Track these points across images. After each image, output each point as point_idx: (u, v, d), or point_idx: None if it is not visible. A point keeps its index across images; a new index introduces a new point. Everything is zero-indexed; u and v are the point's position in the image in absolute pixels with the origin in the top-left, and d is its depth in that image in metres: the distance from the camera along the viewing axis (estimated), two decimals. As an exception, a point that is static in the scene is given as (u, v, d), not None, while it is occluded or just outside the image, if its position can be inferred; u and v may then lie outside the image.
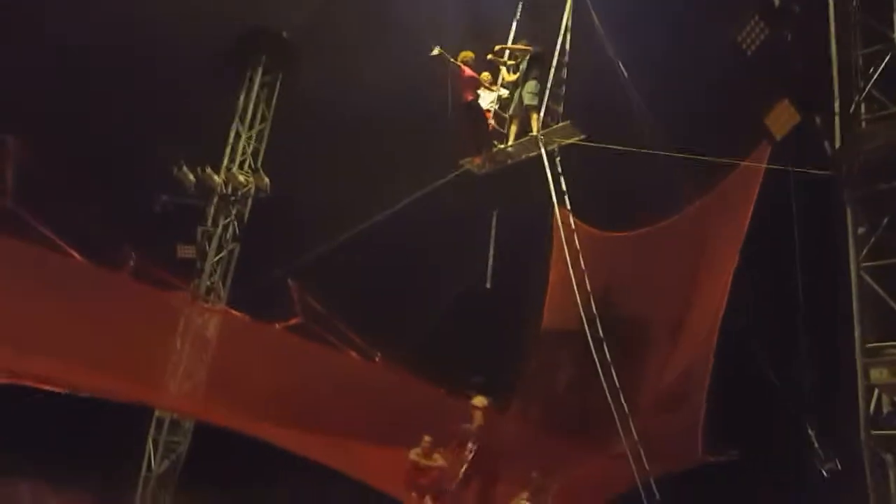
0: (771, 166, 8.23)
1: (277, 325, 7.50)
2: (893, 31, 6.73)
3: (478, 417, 11.41)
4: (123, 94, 13.39)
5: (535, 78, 12.22)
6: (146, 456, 13.91)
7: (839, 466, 9.59)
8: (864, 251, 6.75)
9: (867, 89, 6.73)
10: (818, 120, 6.89)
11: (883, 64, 6.51)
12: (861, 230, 6.83)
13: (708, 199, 12.59)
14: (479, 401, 11.52)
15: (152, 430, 14.00)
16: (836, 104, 6.85)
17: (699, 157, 11.37)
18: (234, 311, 7.62)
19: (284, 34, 15.68)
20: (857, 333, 6.55)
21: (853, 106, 6.72)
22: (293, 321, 7.55)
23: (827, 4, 7.08)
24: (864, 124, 6.75)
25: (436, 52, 12.11)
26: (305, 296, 7.70)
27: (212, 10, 14.52)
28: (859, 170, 6.72)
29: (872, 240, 6.65)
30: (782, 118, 6.95)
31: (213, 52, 15.44)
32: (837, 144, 6.86)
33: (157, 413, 14.04)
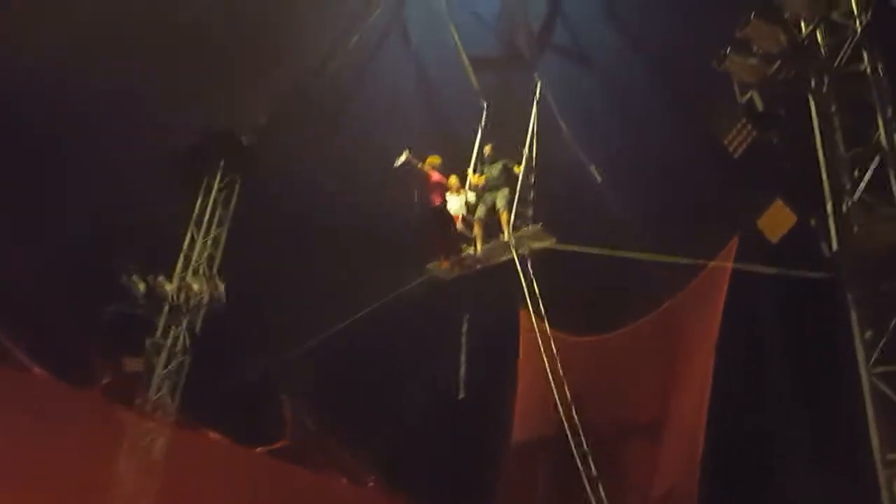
0: (766, 270, 8.04)
1: (259, 450, 6.68)
2: (878, 132, 6.72)
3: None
4: (74, 199, 12.75)
5: (506, 185, 12.16)
6: None
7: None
8: (874, 356, 6.47)
9: (859, 192, 6.65)
10: (812, 222, 6.76)
11: (871, 169, 6.45)
12: (868, 334, 6.58)
13: (678, 299, 12.48)
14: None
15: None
16: (829, 205, 6.75)
17: (673, 259, 11.29)
18: (208, 432, 6.78)
19: (243, 139, 15.36)
20: (875, 444, 6.17)
21: (845, 208, 6.60)
22: (279, 444, 6.75)
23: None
24: (855, 228, 6.62)
25: (403, 156, 11.99)
26: (300, 414, 6.95)
27: (167, 115, 14.20)
28: (860, 272, 6.53)
29: (882, 343, 6.38)
30: (777, 220, 6.81)
31: (168, 157, 14.99)
32: (834, 246, 6.70)
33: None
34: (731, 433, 10.95)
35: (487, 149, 12.49)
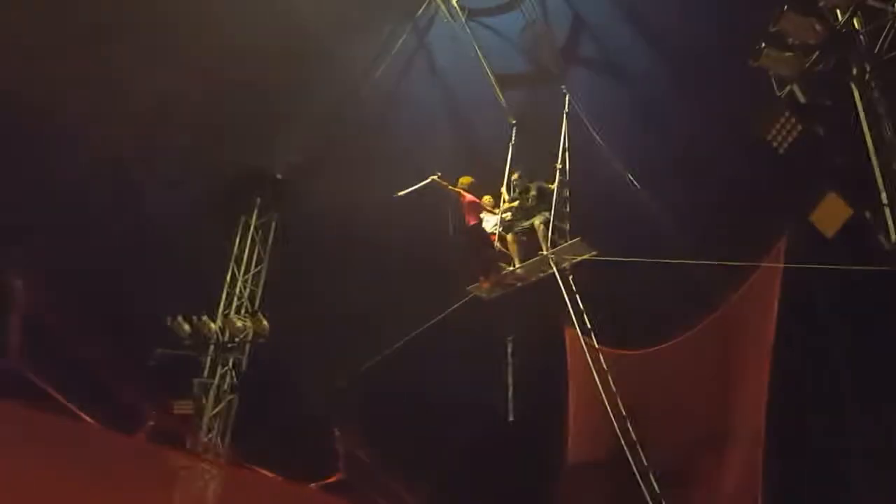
0: (824, 265, 7.72)
1: (312, 485, 6.52)
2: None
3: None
4: (114, 245, 12.92)
5: (540, 200, 12.02)
6: None
7: None
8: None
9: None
10: (867, 214, 6.46)
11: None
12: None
13: (729, 305, 12.10)
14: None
15: None
16: (884, 196, 6.45)
17: (717, 262, 10.98)
18: (261, 471, 6.62)
19: (278, 175, 15.49)
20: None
21: (900, 197, 6.30)
22: (334, 478, 6.57)
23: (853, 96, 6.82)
24: (910, 216, 6.31)
25: (428, 180, 11.95)
26: (354, 446, 6.79)
27: (202, 155, 14.39)
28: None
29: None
30: (831, 213, 6.53)
31: (205, 197, 15.16)
32: (893, 237, 6.39)
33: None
34: (795, 435, 10.49)
35: (514, 177, 12.33)
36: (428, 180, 11.53)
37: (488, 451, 12.32)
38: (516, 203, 12.29)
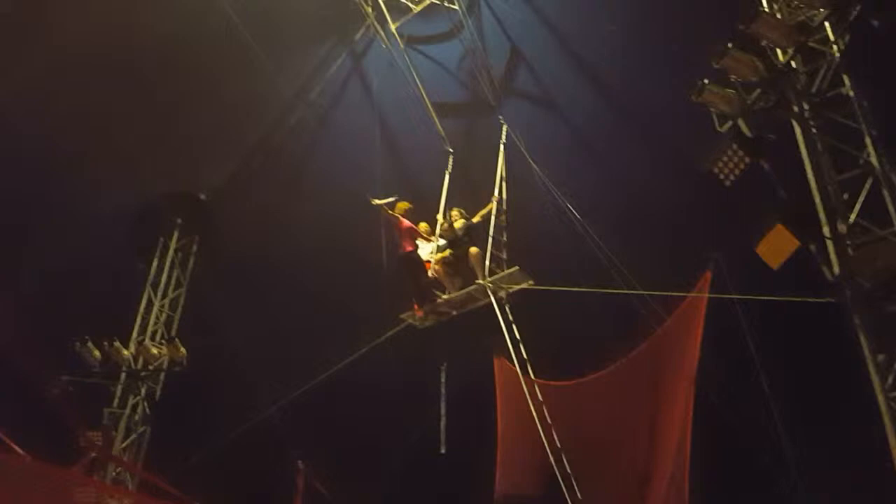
0: (770, 297, 7.92)
1: None
2: (868, 155, 6.73)
3: None
4: (24, 264, 12.06)
5: (476, 228, 11.97)
6: None
7: None
8: (890, 380, 6.33)
9: (853, 214, 6.61)
10: (812, 247, 6.67)
11: (864, 191, 6.42)
12: (881, 357, 6.46)
13: (656, 337, 12.30)
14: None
15: None
16: (826, 229, 6.68)
17: (647, 293, 11.18)
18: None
19: (202, 196, 14.89)
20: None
21: (842, 231, 6.53)
22: None
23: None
24: (851, 251, 6.56)
25: (374, 203, 11.73)
26: (314, 480, 6.39)
27: (121, 175, 13.71)
28: (864, 295, 6.43)
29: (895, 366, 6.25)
30: (778, 245, 6.70)
31: (123, 218, 14.41)
32: (836, 270, 6.61)
33: None
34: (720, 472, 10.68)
35: (455, 213, 12.26)
36: (375, 201, 11.27)
37: (420, 482, 11.98)
38: (450, 226, 12.19)
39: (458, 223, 12.12)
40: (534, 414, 10.72)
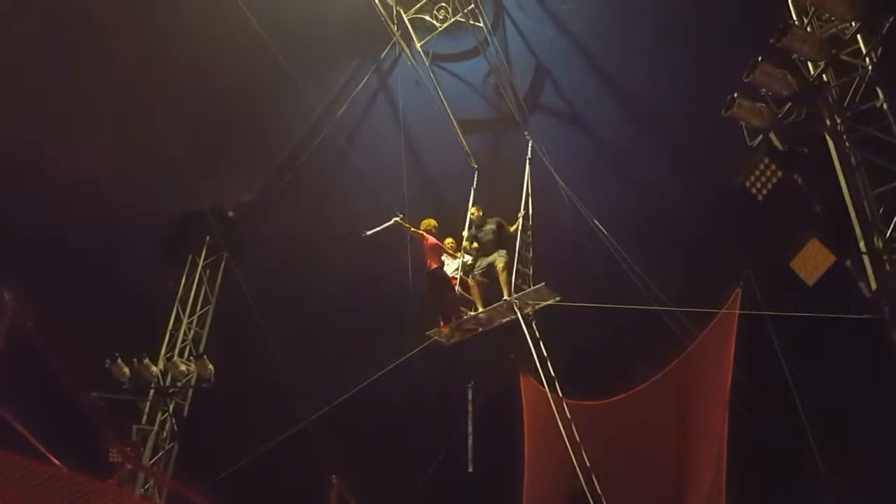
0: (803, 314, 7.78)
1: None
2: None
3: None
4: (52, 282, 12.20)
5: (502, 247, 11.93)
6: None
7: None
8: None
9: (890, 229, 6.47)
10: (848, 262, 6.54)
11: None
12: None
13: (687, 355, 12.12)
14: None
15: None
16: (862, 244, 6.55)
17: (677, 309, 11.04)
18: None
19: (230, 213, 15.02)
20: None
21: (878, 246, 6.40)
22: None
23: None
24: (888, 266, 6.42)
25: (391, 221, 11.74)
26: (347, 495, 6.35)
27: (150, 193, 13.87)
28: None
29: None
30: (813, 260, 6.57)
31: (152, 235, 14.57)
32: (873, 286, 6.47)
33: None
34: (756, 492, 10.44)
35: (474, 211, 12.23)
36: (391, 221, 11.29)
37: (448, 500, 11.87)
38: (476, 244, 12.15)
39: (490, 223, 12.04)
40: (562, 432, 10.58)
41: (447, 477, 11.75)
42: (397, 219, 11.81)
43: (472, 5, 12.60)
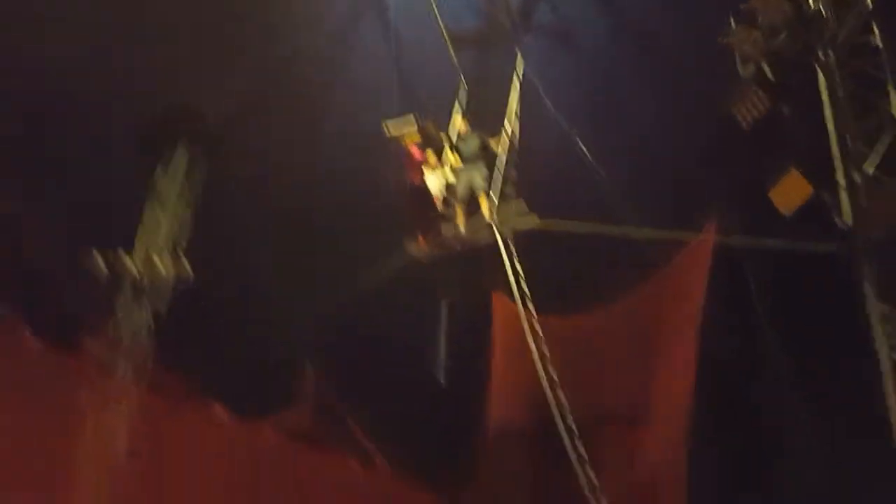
0: (773, 244, 7.92)
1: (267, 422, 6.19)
2: (890, 107, 6.63)
3: None
4: (28, 169, 12.03)
5: (484, 162, 11.89)
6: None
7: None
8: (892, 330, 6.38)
9: (870, 165, 6.55)
10: (825, 195, 6.63)
11: (882, 142, 6.34)
12: (885, 307, 6.49)
13: (657, 279, 12.34)
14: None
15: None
16: (841, 178, 6.63)
17: (656, 234, 11.15)
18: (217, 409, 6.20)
19: (211, 117, 14.72)
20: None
21: (857, 180, 6.49)
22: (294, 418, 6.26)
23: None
24: (864, 202, 6.52)
25: (385, 131, 11.64)
26: (322, 386, 6.49)
27: (133, 88, 13.55)
28: (874, 246, 6.42)
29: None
30: (792, 191, 6.66)
31: (133, 131, 14.29)
32: (848, 220, 6.59)
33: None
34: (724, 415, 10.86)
35: (461, 122, 12.16)
36: (385, 131, 11.17)
37: (418, 412, 12.22)
38: (458, 159, 12.11)
39: (474, 138, 11.98)
40: (532, 346, 10.84)
41: (419, 388, 12.05)
42: (386, 129, 11.70)
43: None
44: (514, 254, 11.55)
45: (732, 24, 7.58)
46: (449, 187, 12.09)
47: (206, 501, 7.66)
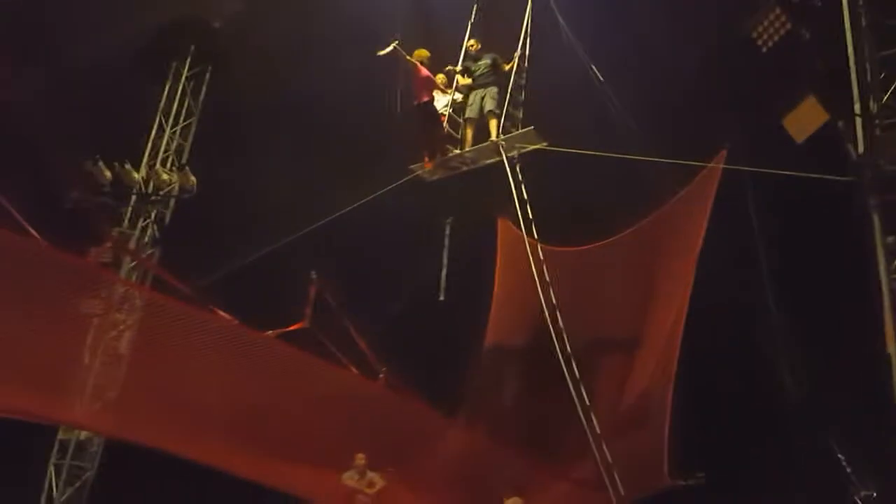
0: (785, 172, 7.84)
1: (270, 333, 6.32)
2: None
3: None
4: (35, 80, 11.87)
5: (494, 83, 11.68)
6: (47, 483, 12.23)
7: (875, 494, 9.23)
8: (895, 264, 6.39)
9: (887, 94, 6.42)
10: (840, 123, 6.52)
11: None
12: (890, 239, 6.48)
13: (662, 211, 12.32)
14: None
15: (54, 455, 12.36)
16: (857, 107, 6.51)
17: (663, 161, 11.03)
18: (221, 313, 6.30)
19: (216, 24, 14.46)
20: (892, 350, 6.14)
21: (873, 110, 6.37)
22: (296, 326, 6.39)
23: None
24: (878, 131, 6.42)
25: (390, 47, 11.34)
26: (325, 294, 6.57)
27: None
28: (884, 176, 6.37)
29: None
30: (806, 118, 6.54)
31: (137, 40, 14.05)
32: (861, 149, 6.50)
33: (60, 435, 12.45)
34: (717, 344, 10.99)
35: (472, 43, 11.88)
36: (390, 47, 10.91)
37: (418, 322, 12.41)
38: (468, 79, 11.90)
39: (485, 59, 11.75)
40: (534, 272, 10.89)
41: (419, 303, 12.19)
42: (395, 44, 11.41)
43: None
44: (520, 178, 11.46)
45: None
46: (457, 108, 11.91)
47: (206, 401, 7.86)
